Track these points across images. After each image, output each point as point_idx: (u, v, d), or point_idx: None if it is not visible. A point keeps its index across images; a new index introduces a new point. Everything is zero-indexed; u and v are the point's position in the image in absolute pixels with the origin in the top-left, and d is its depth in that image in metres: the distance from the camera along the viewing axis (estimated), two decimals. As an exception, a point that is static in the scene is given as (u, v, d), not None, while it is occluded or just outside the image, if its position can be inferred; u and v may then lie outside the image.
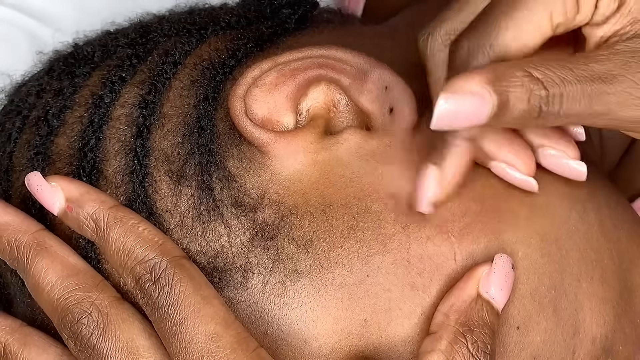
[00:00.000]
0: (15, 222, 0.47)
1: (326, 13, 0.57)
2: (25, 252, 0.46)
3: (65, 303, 0.45)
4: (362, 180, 0.46)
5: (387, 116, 0.47)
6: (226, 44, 0.51)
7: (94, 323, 0.44)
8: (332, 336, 0.45)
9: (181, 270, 0.43)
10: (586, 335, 0.46)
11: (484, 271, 0.44)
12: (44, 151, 0.49)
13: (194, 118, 0.48)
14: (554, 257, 0.46)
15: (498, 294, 0.44)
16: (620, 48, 0.42)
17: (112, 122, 0.48)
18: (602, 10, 0.42)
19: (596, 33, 0.43)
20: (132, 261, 0.44)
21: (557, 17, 0.42)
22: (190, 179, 0.46)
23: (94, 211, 0.45)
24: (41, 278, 0.45)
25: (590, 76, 0.41)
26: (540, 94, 0.40)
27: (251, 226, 0.46)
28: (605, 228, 0.48)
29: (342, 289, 0.45)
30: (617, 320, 0.47)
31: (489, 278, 0.44)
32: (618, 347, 0.47)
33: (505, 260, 0.44)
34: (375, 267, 0.45)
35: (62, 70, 0.52)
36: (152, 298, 0.43)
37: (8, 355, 0.47)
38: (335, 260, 0.45)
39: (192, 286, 0.43)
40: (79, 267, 0.46)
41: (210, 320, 0.43)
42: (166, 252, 0.44)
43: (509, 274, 0.44)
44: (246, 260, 0.45)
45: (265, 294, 0.45)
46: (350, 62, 0.47)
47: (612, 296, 0.47)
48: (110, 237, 0.45)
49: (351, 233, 0.45)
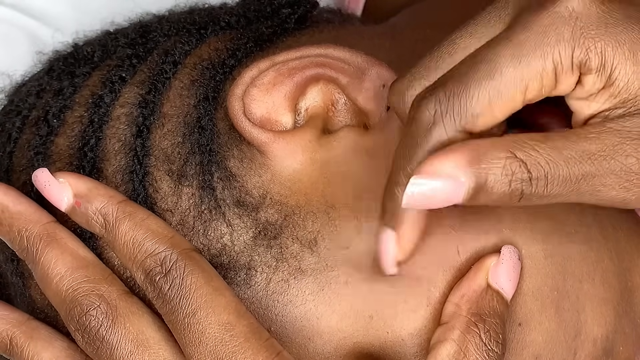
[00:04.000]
0: (28, 213, 0.47)
1: (326, 13, 0.57)
2: (35, 243, 0.46)
3: (74, 295, 0.45)
4: (359, 177, 0.46)
5: (384, 114, 0.47)
6: (226, 44, 0.51)
7: (103, 315, 0.44)
8: (336, 333, 0.45)
9: (192, 262, 0.44)
10: (587, 337, 0.46)
11: (492, 262, 0.44)
12: (44, 151, 0.49)
13: (194, 118, 0.48)
14: (557, 258, 0.46)
15: (507, 284, 0.44)
16: (612, 127, 0.40)
17: (112, 121, 0.48)
18: (587, 87, 0.40)
19: (583, 109, 0.41)
20: (142, 254, 0.44)
21: (531, 92, 0.40)
22: (191, 179, 0.46)
23: (103, 206, 0.45)
24: (50, 269, 0.45)
25: (579, 157, 0.39)
26: (522, 177, 0.39)
27: (254, 225, 0.46)
28: (605, 229, 0.48)
29: (347, 286, 0.45)
30: (618, 320, 0.47)
31: (498, 269, 0.44)
32: (618, 348, 0.47)
33: (512, 251, 0.45)
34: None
35: (62, 70, 0.52)
36: (162, 290, 0.43)
37: (14, 348, 0.47)
38: (341, 259, 0.45)
39: (204, 278, 0.43)
40: (89, 260, 0.46)
41: (223, 310, 0.43)
42: (176, 244, 0.44)
43: (517, 265, 0.45)
44: (250, 259, 0.45)
45: (268, 291, 0.45)
46: (348, 60, 0.47)
47: (612, 297, 0.47)
48: (120, 230, 0.45)
49: (356, 233, 0.45)
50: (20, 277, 0.49)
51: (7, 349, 0.47)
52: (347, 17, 0.59)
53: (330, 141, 0.47)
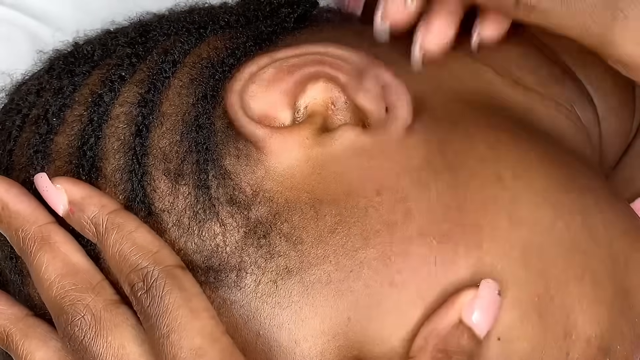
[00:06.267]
0: (26, 213, 0.47)
1: (326, 12, 0.57)
2: (29, 245, 0.46)
3: (61, 302, 0.45)
4: (351, 175, 0.46)
5: (383, 114, 0.47)
6: (225, 43, 0.51)
7: (87, 326, 0.44)
8: (320, 336, 0.44)
9: (172, 281, 0.43)
10: (579, 337, 0.46)
11: (468, 296, 0.44)
12: (44, 149, 0.49)
13: (193, 116, 0.48)
14: (536, 266, 0.45)
15: (482, 320, 0.43)
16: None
17: (111, 120, 0.48)
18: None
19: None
20: (127, 268, 0.44)
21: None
22: (187, 177, 0.46)
23: (94, 215, 0.46)
24: (41, 273, 0.45)
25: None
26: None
27: (245, 224, 0.45)
28: (596, 233, 0.48)
29: (328, 286, 0.44)
30: (613, 320, 0.47)
31: (474, 304, 0.43)
32: (616, 347, 0.47)
33: (491, 286, 0.44)
34: (358, 262, 0.44)
35: (62, 69, 0.52)
36: (143, 306, 0.43)
37: (10, 344, 0.47)
38: (322, 256, 0.45)
39: (182, 298, 0.43)
40: (79, 266, 0.46)
41: (196, 334, 0.42)
42: (159, 260, 0.44)
43: (495, 301, 0.44)
44: (240, 259, 0.45)
45: (257, 293, 0.45)
46: (348, 59, 0.47)
47: (605, 297, 0.47)
48: (108, 242, 0.45)
49: (338, 228, 0.45)
50: (19, 274, 0.49)
51: (4, 343, 0.47)
52: (347, 17, 0.59)
53: (327, 139, 0.46)
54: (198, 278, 0.45)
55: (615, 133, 0.57)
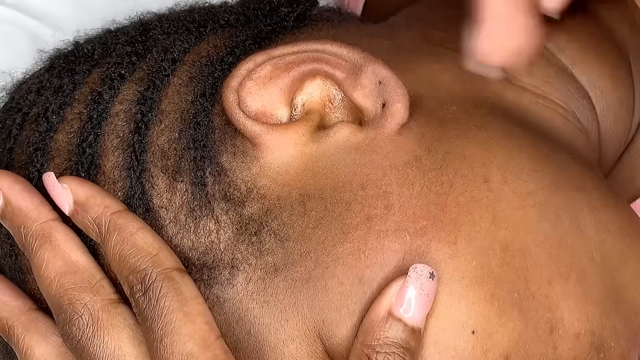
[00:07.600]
0: (28, 209, 0.47)
1: (325, 12, 0.57)
2: (30, 242, 0.46)
3: (60, 301, 0.45)
4: (341, 171, 0.46)
5: (379, 111, 0.47)
6: (224, 42, 0.51)
7: (85, 326, 0.44)
8: (304, 337, 0.44)
9: (169, 284, 0.43)
10: (567, 332, 0.45)
11: (397, 287, 0.43)
12: (44, 147, 0.49)
13: (191, 114, 0.48)
14: (516, 265, 0.45)
15: (414, 309, 0.42)
16: None
17: (110, 118, 0.49)
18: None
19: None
20: (127, 270, 0.44)
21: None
22: (184, 174, 0.46)
23: (97, 216, 0.46)
24: (42, 271, 0.46)
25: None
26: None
27: (238, 221, 0.45)
28: (585, 232, 0.47)
29: (308, 284, 0.44)
30: (605, 317, 0.46)
31: (402, 293, 0.42)
32: (610, 343, 0.46)
33: (420, 271, 0.42)
34: (334, 257, 0.44)
35: (62, 67, 0.52)
36: (140, 308, 0.43)
37: (11, 336, 0.47)
38: (305, 253, 0.44)
39: (177, 302, 0.43)
40: (79, 265, 0.46)
41: (188, 340, 0.42)
42: (158, 263, 0.44)
43: (426, 286, 0.42)
44: (232, 257, 0.45)
45: (248, 291, 0.45)
46: (344, 56, 0.47)
47: (595, 295, 0.46)
48: (109, 244, 0.45)
49: (320, 224, 0.45)
50: (19, 272, 0.49)
51: (6, 335, 0.48)
52: (347, 16, 0.59)
53: (323, 135, 0.46)
54: (193, 276, 0.45)
55: (615, 132, 0.57)
